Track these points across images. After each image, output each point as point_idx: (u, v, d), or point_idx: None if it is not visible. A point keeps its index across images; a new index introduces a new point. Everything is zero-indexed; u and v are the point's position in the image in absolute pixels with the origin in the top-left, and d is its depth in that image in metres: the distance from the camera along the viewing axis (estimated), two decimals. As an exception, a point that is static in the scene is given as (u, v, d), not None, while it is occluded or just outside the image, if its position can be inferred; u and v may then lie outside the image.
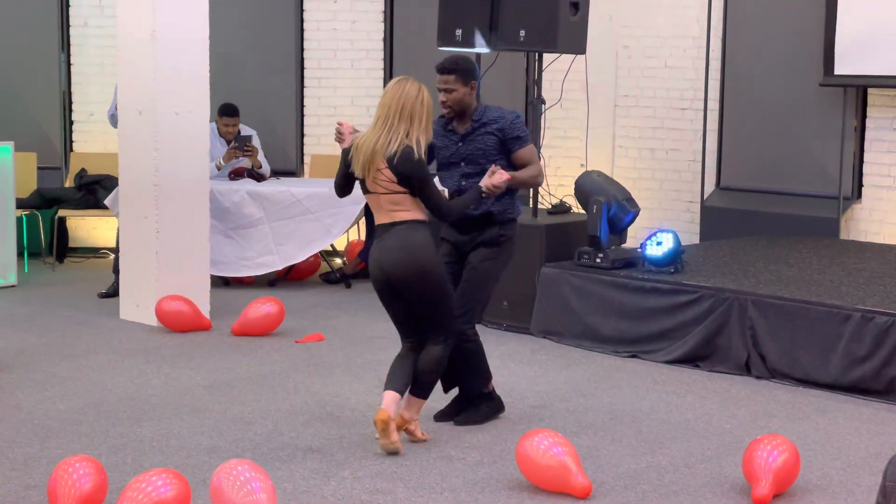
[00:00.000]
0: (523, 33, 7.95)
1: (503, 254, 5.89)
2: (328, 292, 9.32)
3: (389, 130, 5.39)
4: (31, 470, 5.17)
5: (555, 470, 4.93)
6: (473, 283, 5.84)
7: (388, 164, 5.38)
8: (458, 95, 5.76)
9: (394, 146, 5.37)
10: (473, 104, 5.82)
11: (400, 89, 5.41)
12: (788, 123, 9.62)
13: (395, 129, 5.39)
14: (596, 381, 6.85)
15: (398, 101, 5.39)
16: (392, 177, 5.40)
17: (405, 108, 5.39)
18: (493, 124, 5.78)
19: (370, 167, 5.41)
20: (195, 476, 5.03)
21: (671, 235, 7.62)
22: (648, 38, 10.36)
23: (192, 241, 8.00)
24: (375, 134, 5.41)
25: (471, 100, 5.80)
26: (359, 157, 5.44)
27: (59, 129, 10.77)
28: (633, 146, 10.52)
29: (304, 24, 10.84)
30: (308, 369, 6.96)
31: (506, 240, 5.87)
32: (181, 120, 7.88)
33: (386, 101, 5.41)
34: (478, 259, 5.84)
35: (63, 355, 7.19)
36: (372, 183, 5.46)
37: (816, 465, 5.40)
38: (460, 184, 5.83)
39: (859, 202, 9.34)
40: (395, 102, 5.39)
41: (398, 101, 5.39)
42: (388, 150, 5.37)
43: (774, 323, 6.86)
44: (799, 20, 9.47)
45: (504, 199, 5.81)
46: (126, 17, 7.94)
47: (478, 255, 5.84)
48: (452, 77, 5.74)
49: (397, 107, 5.39)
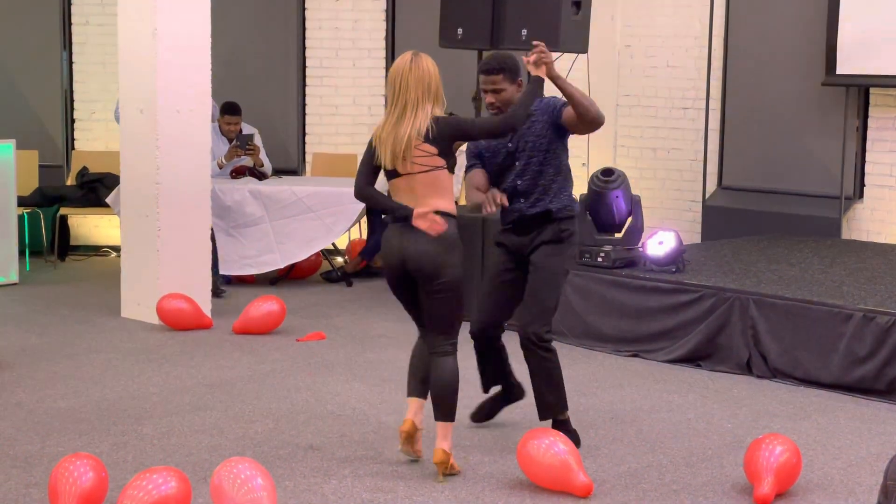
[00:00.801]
0: (525, 32, 7.95)
1: (568, 250, 5.57)
2: (329, 291, 9.31)
3: (417, 113, 5.05)
4: (32, 468, 5.17)
5: (556, 469, 4.93)
6: (540, 283, 5.47)
7: (425, 139, 5.05)
8: (508, 95, 5.42)
9: (424, 125, 5.05)
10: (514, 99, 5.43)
11: (420, 69, 5.07)
12: (790, 123, 9.62)
13: (423, 109, 5.05)
14: (597, 380, 6.85)
15: (424, 82, 5.06)
16: (431, 149, 5.06)
17: (430, 88, 5.08)
18: (533, 113, 5.42)
19: (405, 153, 5.06)
20: (196, 474, 5.03)
21: (672, 235, 7.62)
22: (650, 38, 10.36)
23: (194, 239, 8.00)
24: (405, 121, 5.06)
25: (515, 97, 5.42)
26: (386, 149, 5.08)
27: (61, 127, 10.77)
28: (635, 145, 10.52)
29: (305, 22, 10.84)
30: (309, 368, 6.96)
31: (568, 235, 5.51)
32: (182, 118, 7.87)
33: (409, 83, 5.06)
34: (541, 258, 5.48)
35: (64, 353, 7.19)
36: (409, 165, 5.08)
37: (818, 465, 5.40)
38: (516, 183, 5.52)
39: (861, 202, 9.34)
40: (421, 83, 5.06)
41: (424, 81, 5.06)
42: (420, 130, 5.05)
43: (776, 322, 6.85)
44: (801, 20, 9.47)
45: (562, 195, 5.53)
46: (127, 14, 7.94)
47: (541, 254, 5.48)
48: (500, 77, 5.42)
49: (425, 88, 5.07)
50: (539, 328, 5.44)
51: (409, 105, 5.06)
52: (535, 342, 5.45)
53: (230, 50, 10.13)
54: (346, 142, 10.76)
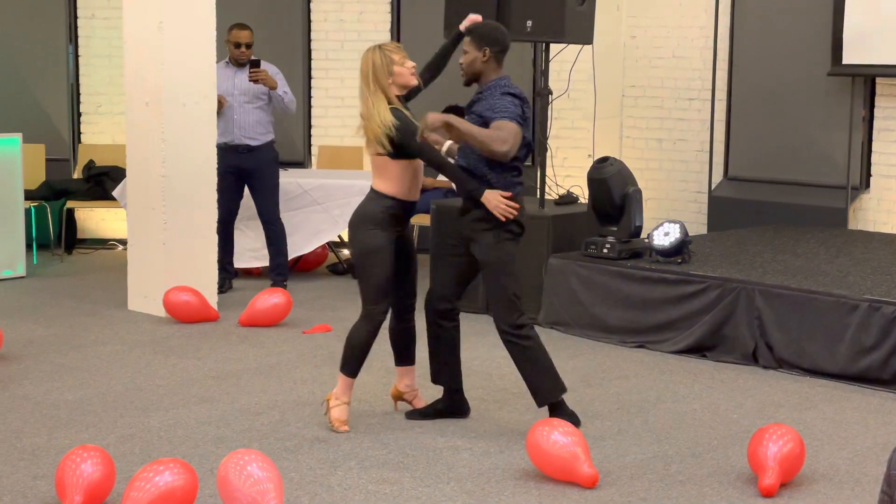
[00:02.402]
0: (530, 24, 7.94)
1: (503, 236, 5.54)
2: (336, 283, 9.32)
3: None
4: (39, 460, 5.18)
5: (563, 459, 4.93)
6: (490, 278, 5.60)
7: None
8: (468, 59, 5.50)
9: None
10: (489, 75, 5.50)
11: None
12: (796, 113, 9.61)
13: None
14: (603, 371, 6.86)
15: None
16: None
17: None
18: (477, 104, 5.50)
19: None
20: (202, 466, 5.04)
21: (678, 226, 7.62)
22: (656, 29, 10.34)
23: (200, 231, 8.01)
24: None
25: (483, 67, 5.49)
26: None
27: (67, 120, 10.79)
28: (641, 136, 10.52)
29: (311, 14, 10.84)
30: (315, 360, 6.97)
31: (496, 223, 5.51)
32: (188, 111, 7.88)
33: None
34: (482, 253, 5.55)
35: (71, 346, 7.21)
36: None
37: (823, 455, 5.40)
38: (459, 164, 5.59)
39: (867, 192, 9.33)
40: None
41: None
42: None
43: (781, 313, 6.85)
44: (806, 9, 9.45)
45: (498, 184, 5.48)
46: (133, 8, 7.94)
47: (481, 249, 5.55)
48: (468, 39, 5.52)
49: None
50: (508, 318, 5.53)
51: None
52: (510, 332, 5.55)
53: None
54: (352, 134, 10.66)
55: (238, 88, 8.72)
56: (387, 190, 5.62)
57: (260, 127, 8.76)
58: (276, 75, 8.76)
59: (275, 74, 8.76)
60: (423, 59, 5.92)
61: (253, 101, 8.74)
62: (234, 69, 8.77)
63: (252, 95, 8.72)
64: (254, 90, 8.71)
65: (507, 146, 5.27)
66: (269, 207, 8.81)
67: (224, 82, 8.66)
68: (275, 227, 8.82)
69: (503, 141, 5.26)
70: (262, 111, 8.78)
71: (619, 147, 10.54)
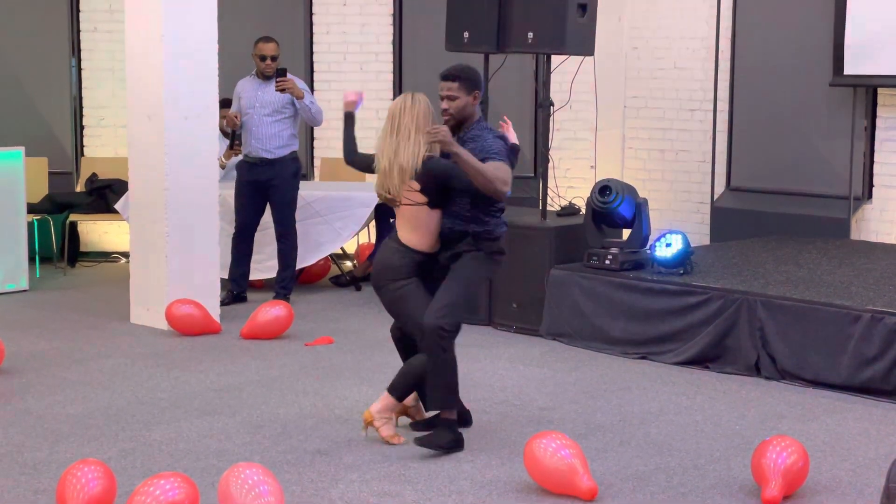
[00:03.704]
0: (531, 35, 7.95)
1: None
2: (338, 295, 9.32)
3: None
4: (41, 474, 5.18)
5: (561, 472, 4.93)
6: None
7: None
8: (461, 104, 5.63)
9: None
10: (475, 115, 5.71)
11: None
12: (798, 124, 9.61)
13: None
14: (605, 382, 6.85)
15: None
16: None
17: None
18: (471, 143, 5.61)
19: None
20: (204, 480, 5.04)
21: (680, 237, 7.61)
22: (657, 40, 10.35)
23: (202, 244, 8.01)
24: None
25: (472, 110, 5.69)
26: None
27: (70, 133, 10.80)
28: (643, 147, 10.52)
29: (313, 27, 10.86)
30: (317, 372, 6.97)
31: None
32: (190, 124, 7.89)
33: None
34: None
35: (73, 359, 7.21)
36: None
37: (826, 467, 5.39)
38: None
39: (870, 202, 9.32)
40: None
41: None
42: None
43: (784, 324, 6.84)
44: (808, 20, 9.46)
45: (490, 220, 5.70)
46: (135, 21, 7.96)
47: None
48: (456, 85, 5.63)
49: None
50: (445, 318, 5.57)
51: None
52: (437, 330, 5.56)
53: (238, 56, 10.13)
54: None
55: (260, 101, 8.74)
56: (417, 245, 5.67)
57: (277, 140, 8.74)
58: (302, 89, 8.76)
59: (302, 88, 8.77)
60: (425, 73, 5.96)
61: (273, 115, 8.72)
62: (259, 82, 8.79)
63: (273, 109, 8.71)
64: (277, 103, 8.71)
65: (508, 187, 5.54)
66: (281, 220, 8.81)
67: (248, 94, 8.73)
68: (286, 241, 8.81)
69: (505, 182, 5.51)
70: (282, 124, 8.76)
71: (621, 158, 10.54)
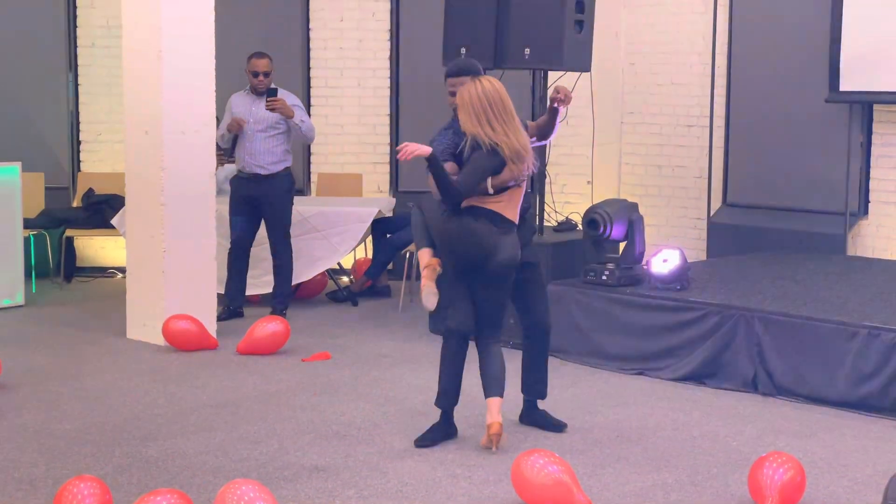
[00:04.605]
0: (528, 51, 7.97)
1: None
2: (335, 311, 9.31)
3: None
4: (37, 490, 5.17)
5: (553, 490, 4.86)
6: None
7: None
8: None
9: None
10: None
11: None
12: (794, 140, 9.63)
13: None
14: (602, 398, 6.84)
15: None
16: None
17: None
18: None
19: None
20: (200, 496, 5.03)
21: (677, 252, 7.62)
22: (654, 55, 10.38)
23: (199, 260, 8.01)
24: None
25: None
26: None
27: (67, 149, 10.80)
28: (640, 163, 10.53)
29: (310, 42, 10.87)
30: (314, 388, 6.96)
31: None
32: (187, 139, 7.90)
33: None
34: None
35: (70, 375, 7.20)
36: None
37: (823, 483, 5.39)
38: None
39: (866, 218, 9.34)
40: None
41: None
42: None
43: (781, 340, 6.84)
44: (804, 36, 9.48)
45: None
46: (132, 37, 7.97)
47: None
48: (466, 80, 5.82)
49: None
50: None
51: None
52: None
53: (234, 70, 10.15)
54: (352, 161, 10.77)
55: (254, 117, 8.76)
56: (515, 219, 5.88)
57: (270, 156, 8.76)
58: (294, 106, 8.78)
59: (293, 105, 8.78)
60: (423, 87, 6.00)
61: (267, 131, 8.74)
62: (253, 97, 8.82)
63: (267, 125, 8.73)
64: (270, 119, 8.73)
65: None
66: (275, 236, 8.81)
67: (241, 110, 8.77)
68: (281, 257, 8.79)
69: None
70: (275, 140, 8.77)
71: (617, 173, 10.56)
